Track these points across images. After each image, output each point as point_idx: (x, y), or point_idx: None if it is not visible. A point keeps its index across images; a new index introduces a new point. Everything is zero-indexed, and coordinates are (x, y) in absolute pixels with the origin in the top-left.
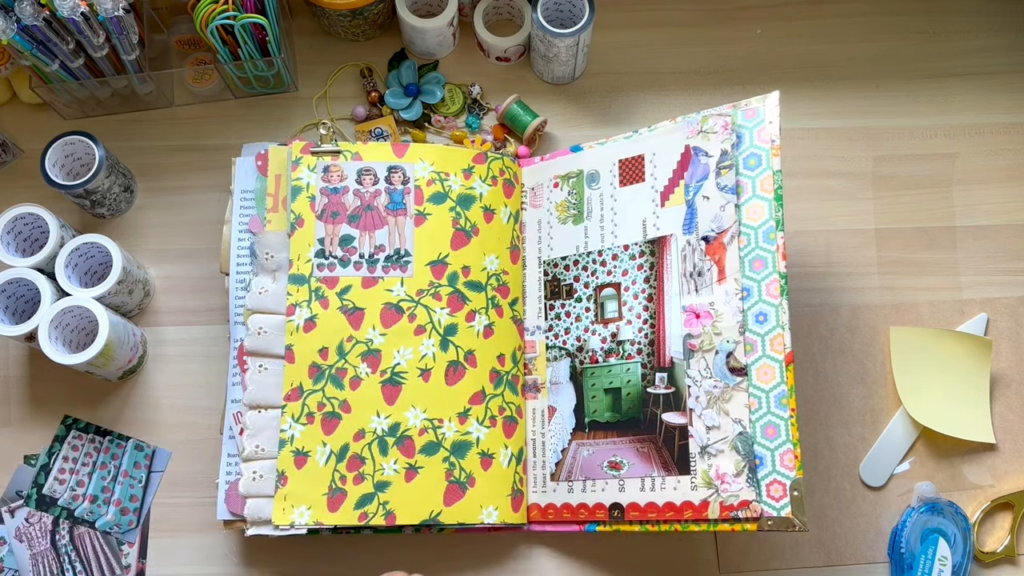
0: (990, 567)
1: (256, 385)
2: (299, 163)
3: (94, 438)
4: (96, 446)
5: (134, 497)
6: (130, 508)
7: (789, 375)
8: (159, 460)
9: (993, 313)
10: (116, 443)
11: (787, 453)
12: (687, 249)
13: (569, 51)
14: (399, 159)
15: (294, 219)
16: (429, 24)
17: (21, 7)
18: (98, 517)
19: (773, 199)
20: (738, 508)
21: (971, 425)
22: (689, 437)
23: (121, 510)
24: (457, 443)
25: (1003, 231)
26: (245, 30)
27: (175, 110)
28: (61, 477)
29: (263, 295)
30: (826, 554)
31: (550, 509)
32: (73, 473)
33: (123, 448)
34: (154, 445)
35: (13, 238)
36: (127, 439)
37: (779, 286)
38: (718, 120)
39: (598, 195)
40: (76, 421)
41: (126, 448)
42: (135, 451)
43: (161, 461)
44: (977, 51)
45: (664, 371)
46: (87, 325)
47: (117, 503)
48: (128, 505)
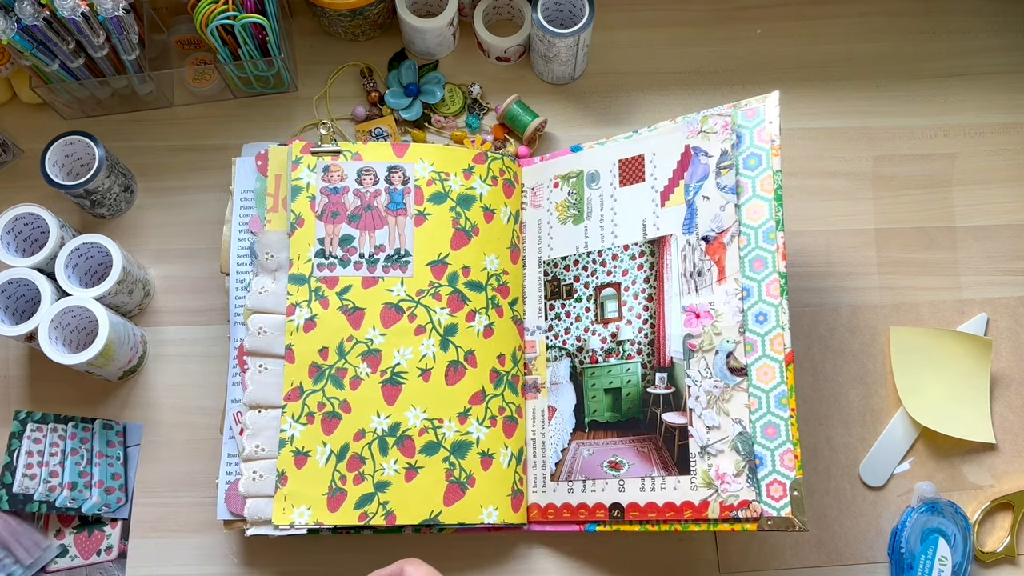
0: (990, 567)
1: (256, 385)
2: (299, 163)
3: (55, 427)
4: (61, 435)
5: (116, 475)
6: (115, 486)
7: (789, 375)
8: (132, 434)
9: (993, 313)
10: (82, 427)
11: (787, 453)
12: (687, 249)
13: (569, 51)
14: (399, 159)
15: (294, 219)
16: (429, 24)
17: (21, 7)
18: (83, 502)
19: (773, 199)
20: (738, 508)
21: (971, 425)
22: (689, 437)
23: (106, 490)
24: (457, 443)
25: (1003, 231)
26: (245, 30)
27: (175, 110)
28: (29, 472)
29: (263, 295)
30: (826, 554)
31: (550, 509)
32: (42, 466)
33: (90, 431)
34: (123, 422)
35: (13, 238)
36: (91, 420)
37: (779, 286)
38: (718, 120)
39: (598, 195)
40: (30, 414)
41: (93, 430)
42: (104, 431)
43: (135, 435)
44: (977, 51)
45: (664, 371)
46: (87, 325)
47: (99, 484)
48: (112, 484)
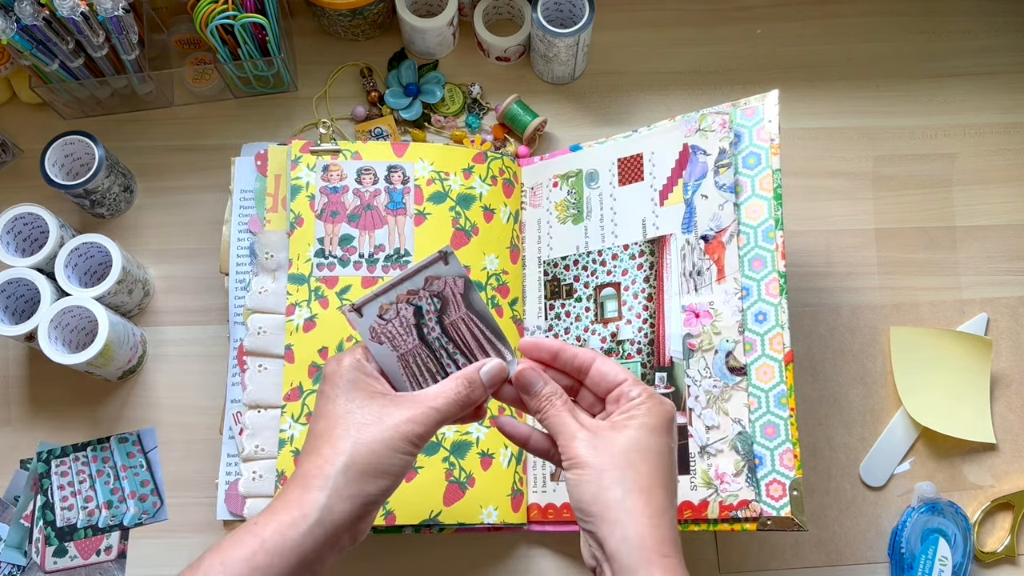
0: (990, 567)
1: (256, 385)
2: (298, 162)
3: (76, 456)
4: (84, 461)
5: (144, 482)
6: (147, 493)
7: (788, 374)
8: (147, 440)
9: (993, 313)
10: (100, 448)
11: (787, 453)
12: (686, 248)
13: (569, 51)
14: (399, 158)
15: (293, 218)
16: (429, 24)
17: (21, 7)
18: (122, 516)
19: (772, 198)
20: (737, 508)
21: (971, 425)
22: (688, 437)
23: (139, 499)
24: (456, 443)
25: (1003, 231)
26: (245, 30)
27: (175, 110)
28: (66, 505)
29: (263, 295)
30: (826, 554)
31: (550, 509)
32: (76, 495)
33: (108, 448)
34: (135, 430)
35: (13, 238)
36: (107, 439)
37: (778, 285)
38: (716, 118)
39: (597, 194)
40: (51, 451)
41: (111, 447)
42: (120, 445)
43: (150, 440)
44: (977, 51)
45: (664, 371)
46: (87, 325)
47: (132, 495)
48: (143, 492)
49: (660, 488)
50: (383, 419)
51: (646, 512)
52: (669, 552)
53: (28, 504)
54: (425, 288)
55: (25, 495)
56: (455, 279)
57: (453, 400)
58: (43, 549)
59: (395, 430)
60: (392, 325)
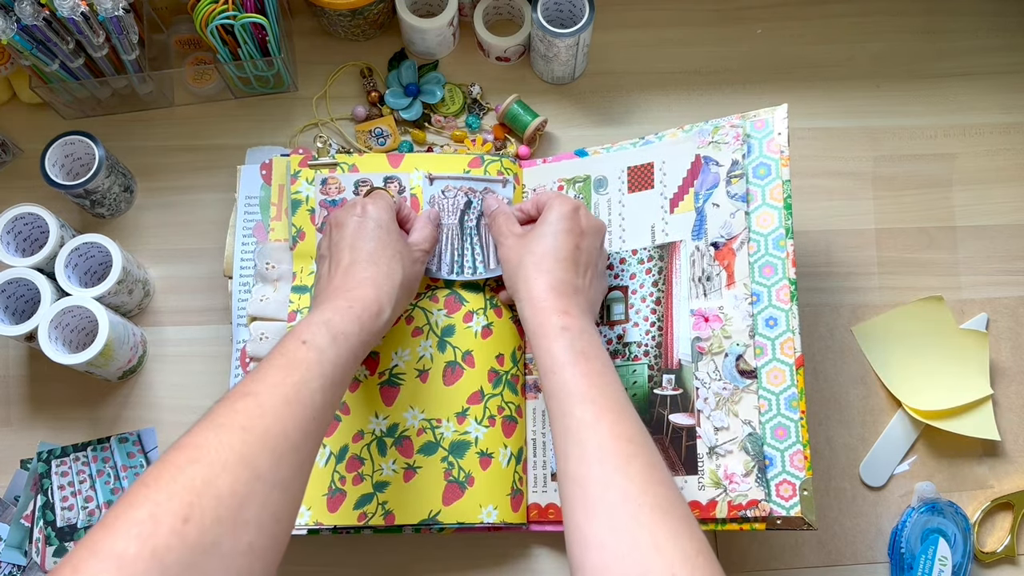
0: (990, 567)
1: None
2: (298, 176)
3: (76, 456)
4: (84, 461)
5: None
6: None
7: (799, 378)
8: (148, 439)
9: (993, 313)
10: (100, 448)
11: (797, 454)
12: (696, 254)
13: (569, 51)
14: (395, 169)
15: (295, 232)
16: (429, 24)
17: (21, 7)
18: None
19: (783, 208)
20: (747, 507)
21: (973, 422)
22: (697, 438)
23: None
24: (455, 443)
25: (1003, 231)
26: (245, 30)
27: (175, 110)
28: (67, 505)
29: (264, 303)
30: (826, 554)
31: (550, 509)
32: (76, 495)
33: (108, 448)
34: (136, 430)
35: (13, 238)
36: (107, 439)
37: (789, 292)
38: (730, 131)
39: (606, 200)
40: (51, 451)
41: (111, 447)
42: (121, 444)
43: (150, 439)
44: (977, 51)
45: (672, 373)
46: (87, 325)
47: None
48: None
49: (554, 261)
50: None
51: (540, 279)
52: (569, 310)
53: (28, 504)
54: (481, 192)
55: (25, 495)
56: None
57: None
58: (43, 549)
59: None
60: (447, 201)
